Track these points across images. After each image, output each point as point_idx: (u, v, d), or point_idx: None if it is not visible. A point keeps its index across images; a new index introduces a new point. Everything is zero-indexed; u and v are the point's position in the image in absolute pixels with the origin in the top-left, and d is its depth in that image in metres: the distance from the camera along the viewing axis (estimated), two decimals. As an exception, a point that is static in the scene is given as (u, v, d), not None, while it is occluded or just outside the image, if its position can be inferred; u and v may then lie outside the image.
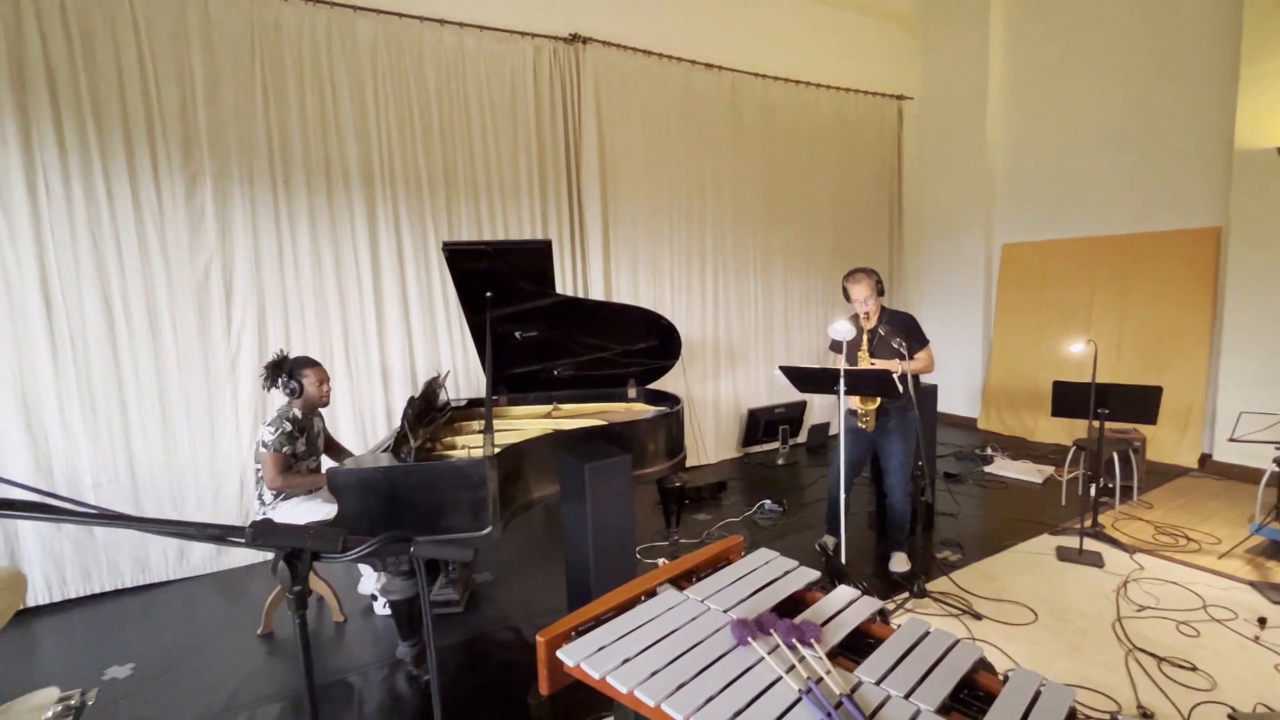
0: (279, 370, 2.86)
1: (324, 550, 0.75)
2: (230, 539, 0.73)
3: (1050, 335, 5.65)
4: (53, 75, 3.16)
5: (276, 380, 2.85)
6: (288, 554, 0.73)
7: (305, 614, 0.80)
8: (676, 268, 5.21)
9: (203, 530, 0.73)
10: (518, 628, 2.91)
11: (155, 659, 2.77)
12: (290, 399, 2.88)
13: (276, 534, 0.73)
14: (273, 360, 2.88)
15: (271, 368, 2.86)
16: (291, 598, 0.77)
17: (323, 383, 2.95)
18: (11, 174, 3.11)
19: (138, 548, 3.45)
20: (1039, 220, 5.84)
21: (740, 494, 4.61)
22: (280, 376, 2.85)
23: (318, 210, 3.84)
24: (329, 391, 3.00)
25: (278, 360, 2.88)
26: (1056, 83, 5.61)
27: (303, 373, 2.88)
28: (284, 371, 2.86)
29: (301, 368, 2.90)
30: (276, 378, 2.85)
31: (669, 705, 1.13)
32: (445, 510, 2.32)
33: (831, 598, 1.50)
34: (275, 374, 2.86)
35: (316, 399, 2.94)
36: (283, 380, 2.85)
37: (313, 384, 2.90)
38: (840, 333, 2.79)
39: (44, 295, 3.22)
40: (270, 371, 2.86)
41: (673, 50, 5.00)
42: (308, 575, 0.74)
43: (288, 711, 2.40)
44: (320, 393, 2.94)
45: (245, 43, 3.58)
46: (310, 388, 2.89)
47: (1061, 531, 3.67)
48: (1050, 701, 1.11)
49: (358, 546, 0.76)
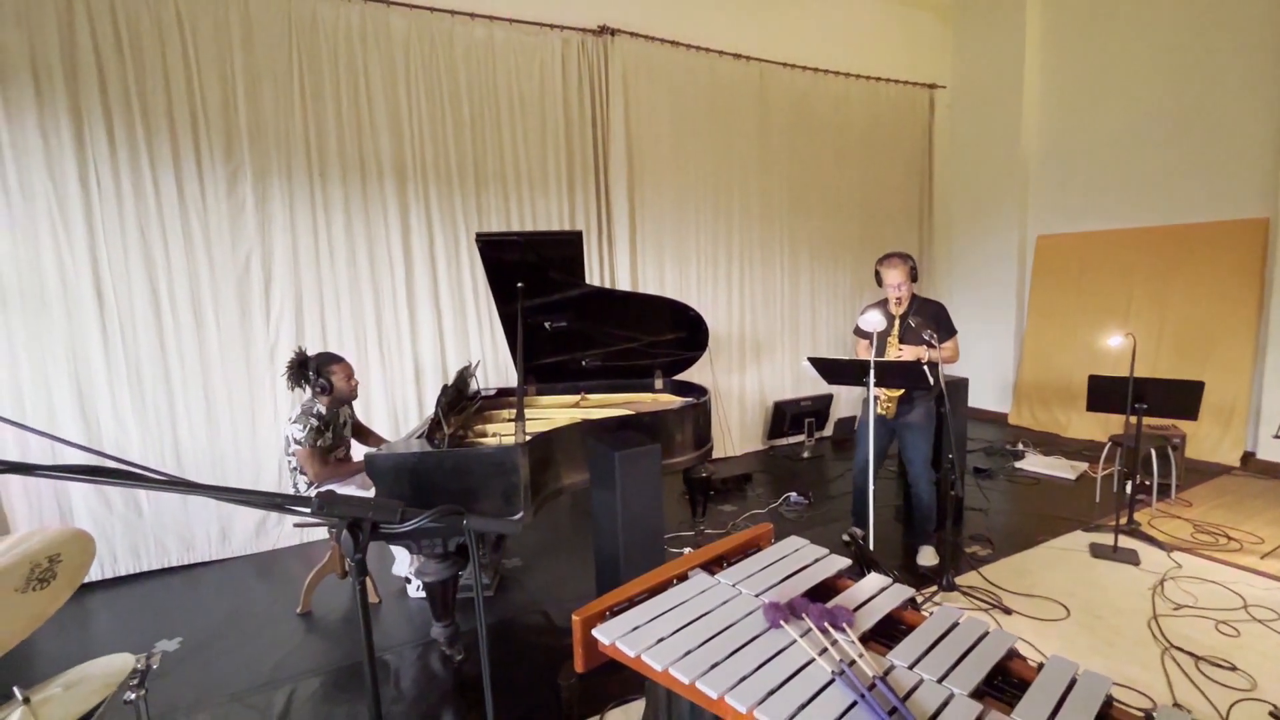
0: (304, 369, 2.86)
1: (383, 520, 0.79)
2: (297, 509, 0.77)
3: (1086, 329, 5.51)
4: (103, 74, 3.29)
5: (302, 380, 2.86)
6: (350, 523, 0.77)
7: (365, 580, 0.84)
8: (703, 259, 5.21)
9: (270, 499, 0.77)
10: (546, 612, 2.97)
11: (201, 634, 2.89)
12: (320, 396, 2.92)
13: (340, 504, 0.77)
14: (294, 359, 2.86)
15: (296, 367, 2.85)
16: (353, 564, 0.81)
17: (350, 376, 2.97)
18: (67, 170, 3.24)
19: (183, 528, 3.60)
20: (1075, 211, 5.69)
21: (766, 486, 4.61)
22: (307, 375, 2.86)
23: (352, 203, 3.93)
24: (357, 385, 3.04)
25: (300, 359, 2.86)
26: (1096, 69, 5.46)
27: (330, 369, 2.89)
28: (310, 370, 2.86)
29: (328, 364, 2.90)
30: (302, 377, 2.85)
31: (703, 683, 1.16)
32: (478, 495, 2.37)
33: (862, 585, 1.51)
34: (301, 373, 2.85)
35: (347, 394, 2.98)
36: (311, 378, 2.86)
37: (341, 379, 2.93)
38: (871, 324, 2.77)
39: (96, 286, 3.36)
40: (295, 371, 2.85)
41: (700, 40, 4.98)
42: (368, 544, 0.79)
43: (327, 685, 2.50)
44: (349, 387, 2.97)
45: (283, 40, 3.66)
46: (339, 383, 2.92)
47: (1095, 528, 3.60)
48: (1086, 689, 1.11)
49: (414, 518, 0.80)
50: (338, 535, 0.72)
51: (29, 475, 0.67)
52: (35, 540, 1.18)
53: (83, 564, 1.14)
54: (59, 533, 1.19)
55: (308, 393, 2.94)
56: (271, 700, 2.41)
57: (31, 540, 1.18)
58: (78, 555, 1.15)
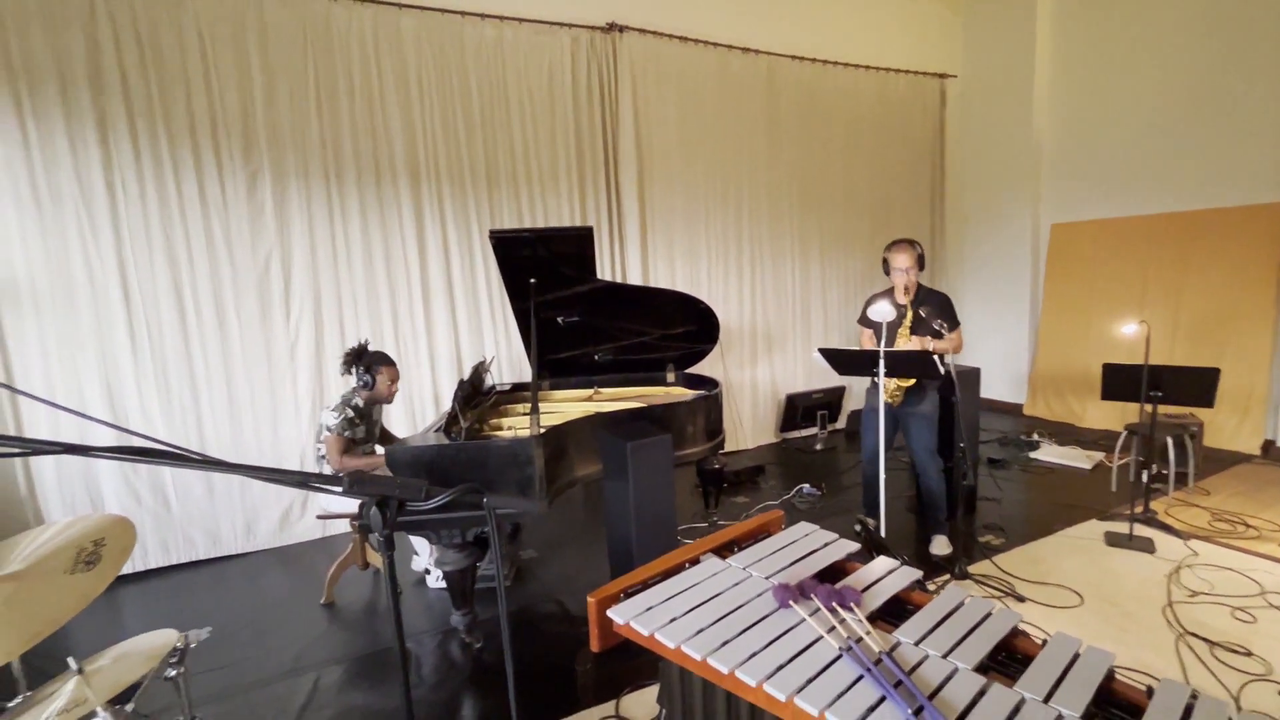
0: (359, 360, 2.99)
1: (409, 499, 0.84)
2: (328, 487, 0.82)
3: (1101, 318, 5.47)
4: (126, 82, 3.38)
5: (354, 367, 2.98)
6: (378, 501, 0.83)
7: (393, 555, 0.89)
8: (714, 253, 5.23)
9: (305, 478, 0.83)
10: (562, 601, 3.03)
11: (229, 624, 2.98)
12: (360, 389, 3.02)
13: (369, 483, 0.82)
14: (356, 348, 3.01)
15: (353, 355, 2.99)
16: (381, 539, 0.86)
17: (393, 382, 3.09)
18: (93, 175, 3.34)
19: (210, 522, 3.70)
20: (1089, 199, 5.64)
21: (778, 478, 4.64)
22: (359, 366, 2.98)
23: (367, 203, 4.00)
24: (395, 392, 3.14)
25: (360, 350, 3.01)
26: (1108, 55, 5.40)
27: (379, 369, 3.02)
28: (363, 363, 2.99)
29: (379, 364, 3.03)
30: (354, 365, 2.98)
31: (714, 659, 1.20)
32: (495, 486, 2.43)
33: (870, 567, 1.54)
34: (355, 362, 2.99)
35: (384, 396, 3.09)
36: (359, 370, 2.98)
37: (384, 381, 3.04)
38: (880, 314, 2.79)
39: (123, 287, 3.46)
40: (351, 358, 2.99)
41: (709, 35, 5.00)
42: (395, 520, 0.84)
43: (350, 673, 2.57)
44: (388, 391, 3.09)
45: (298, 44, 3.74)
46: (381, 385, 3.03)
47: (1111, 517, 3.59)
48: (1089, 663, 1.14)
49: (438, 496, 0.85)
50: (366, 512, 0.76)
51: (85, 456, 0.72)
52: (80, 526, 1.24)
53: (125, 547, 1.21)
54: (102, 519, 1.26)
55: (352, 382, 3.03)
56: (297, 687, 2.49)
57: (76, 526, 1.25)
58: (120, 539, 1.22)
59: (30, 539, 1.21)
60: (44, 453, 0.67)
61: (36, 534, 1.24)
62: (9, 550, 1.18)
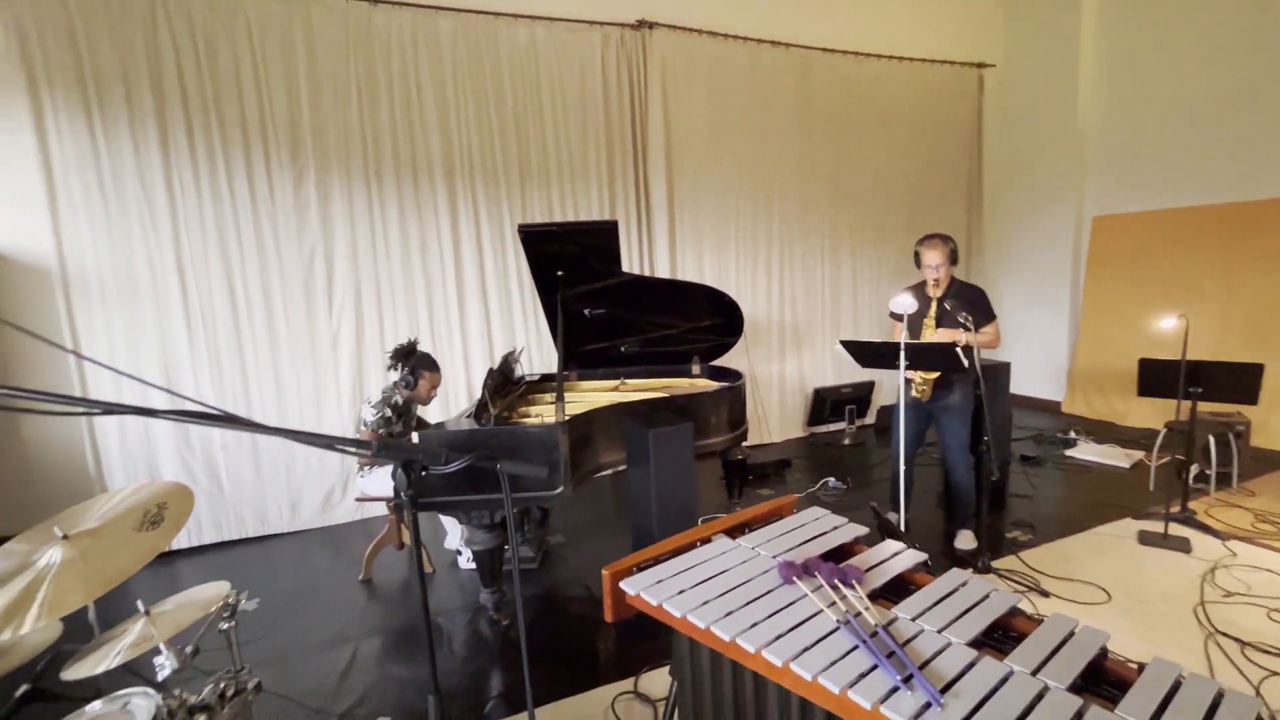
0: (406, 359, 3.13)
1: (430, 463, 0.94)
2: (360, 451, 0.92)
3: (1146, 313, 5.28)
4: (184, 87, 3.60)
5: (400, 366, 3.13)
6: (404, 463, 0.92)
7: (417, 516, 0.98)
8: (742, 247, 5.26)
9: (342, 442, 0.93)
10: (588, 584, 3.13)
11: (275, 597, 3.18)
12: (401, 387, 3.17)
13: (395, 448, 0.92)
14: (405, 347, 3.15)
15: (402, 353, 3.13)
16: (405, 498, 0.95)
17: (434, 387, 3.24)
18: (154, 174, 3.58)
19: (258, 502, 3.92)
20: (1135, 190, 5.46)
21: (804, 472, 4.65)
22: (405, 365, 3.13)
23: (405, 200, 4.16)
24: (434, 396, 3.29)
25: (408, 349, 3.15)
26: (1155, 42, 5.20)
27: (423, 374, 3.16)
28: (409, 363, 3.13)
29: (424, 368, 3.17)
30: (400, 363, 3.13)
31: (717, 627, 1.27)
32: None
33: (877, 549, 1.58)
34: (403, 361, 3.13)
35: (422, 398, 3.24)
36: (404, 369, 3.13)
37: (425, 385, 3.19)
38: (901, 305, 2.79)
39: (180, 280, 3.69)
40: (399, 357, 3.13)
41: (740, 30, 5.01)
42: (419, 480, 0.93)
43: (386, 644, 2.72)
44: (427, 395, 3.24)
45: (342, 48, 3.91)
46: (422, 388, 3.18)
47: (1146, 516, 3.51)
48: (1082, 641, 1.17)
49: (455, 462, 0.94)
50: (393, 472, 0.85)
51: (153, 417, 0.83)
52: (145, 491, 1.39)
53: (184, 511, 1.34)
54: (164, 485, 1.40)
55: (394, 378, 3.18)
56: (338, 655, 2.65)
57: (142, 492, 1.39)
58: (179, 503, 1.36)
59: (103, 501, 1.36)
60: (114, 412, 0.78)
61: (108, 497, 1.39)
62: (86, 510, 1.32)
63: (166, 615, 1.34)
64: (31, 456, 3.57)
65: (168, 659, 1.18)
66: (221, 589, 1.47)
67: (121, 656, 1.17)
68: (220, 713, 1.32)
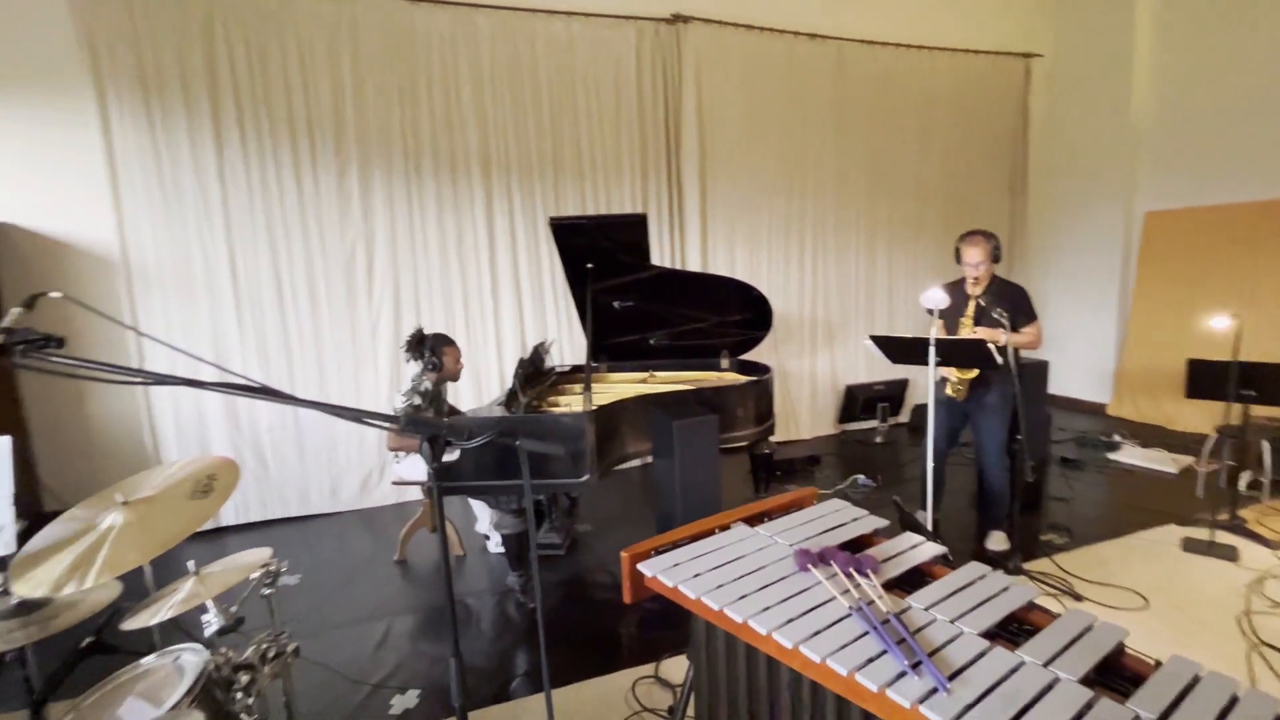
0: (422, 345, 3.19)
1: (454, 439, 0.99)
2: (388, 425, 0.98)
3: (1200, 313, 5.05)
4: (237, 86, 3.77)
5: (419, 354, 3.20)
6: (430, 437, 0.98)
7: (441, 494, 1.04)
8: (774, 242, 5.22)
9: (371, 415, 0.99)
10: (612, 572, 3.18)
11: (316, 573, 3.33)
12: (429, 372, 3.24)
13: (422, 423, 0.97)
14: (414, 336, 3.20)
15: (415, 341, 3.19)
16: (431, 471, 1.01)
17: (458, 360, 3.30)
18: (208, 170, 3.77)
19: (301, 484, 4.10)
20: (1191, 185, 5.22)
21: (834, 468, 4.61)
22: (424, 351, 3.19)
23: (443, 193, 4.28)
24: (462, 368, 3.35)
25: (420, 335, 3.20)
26: (1216, 31, 4.95)
27: (443, 350, 3.22)
28: (427, 347, 3.19)
29: (442, 345, 3.22)
30: (419, 351, 3.19)
31: (731, 609, 1.30)
32: (549, 457, 2.60)
33: (895, 541, 1.58)
34: (419, 349, 3.19)
35: (452, 374, 3.31)
36: (426, 355, 3.19)
37: (451, 361, 3.25)
38: (931, 300, 2.75)
39: (231, 271, 3.88)
40: (414, 346, 3.19)
41: (775, 23, 4.97)
42: (443, 454, 0.99)
43: (419, 621, 2.83)
44: (456, 369, 3.30)
45: (384, 46, 4.04)
46: (448, 363, 3.24)
47: (1192, 523, 3.38)
48: (1099, 636, 1.15)
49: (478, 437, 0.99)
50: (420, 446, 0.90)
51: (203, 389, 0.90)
52: (197, 464, 1.49)
53: (230, 483, 1.44)
54: (213, 459, 1.50)
55: (418, 367, 3.28)
56: (373, 630, 2.77)
57: (194, 464, 1.49)
58: (227, 476, 1.46)
59: (159, 472, 1.47)
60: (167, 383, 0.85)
61: (163, 469, 1.50)
62: (143, 480, 1.43)
63: (214, 576, 1.45)
64: (94, 433, 3.81)
65: (214, 616, 1.28)
66: (264, 554, 1.58)
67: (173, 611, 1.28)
68: (261, 672, 1.42)
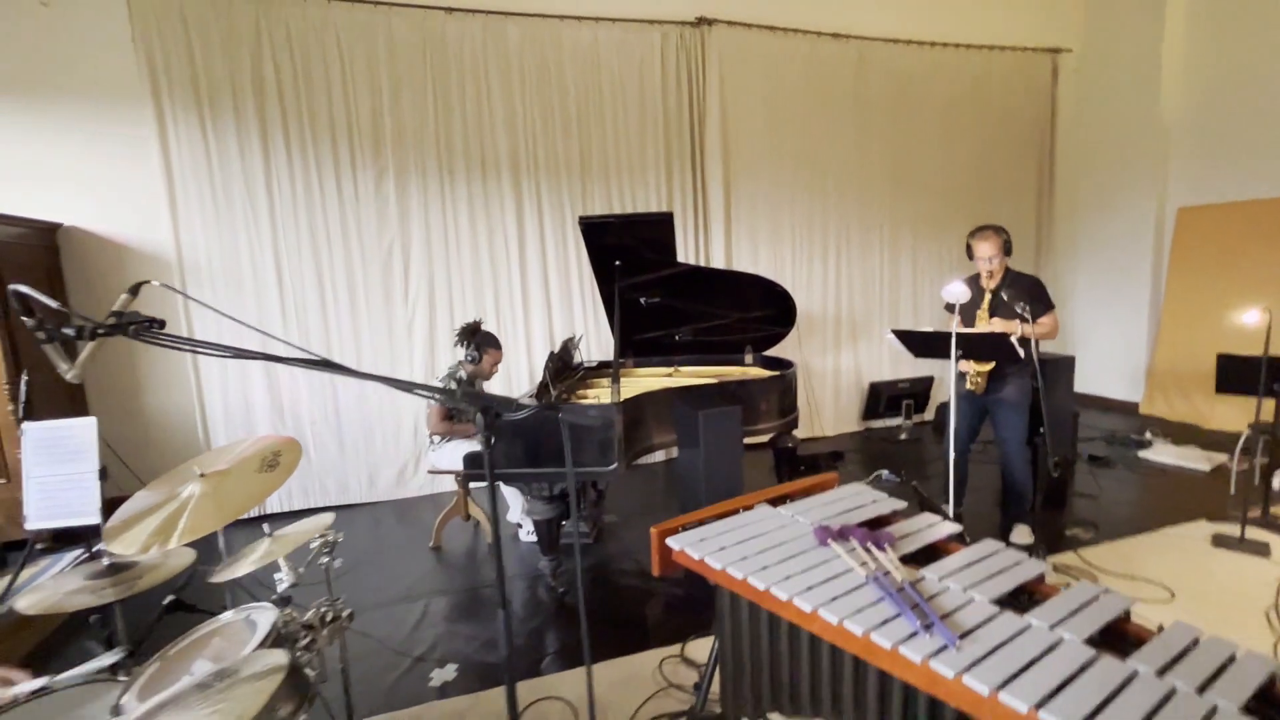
0: (472, 337, 3.39)
1: (503, 410, 1.10)
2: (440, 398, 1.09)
3: (1233, 310, 4.97)
4: (282, 95, 3.98)
5: (466, 343, 3.39)
6: (482, 408, 1.09)
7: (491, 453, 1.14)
8: (798, 240, 5.28)
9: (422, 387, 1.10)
10: (638, 559, 3.28)
11: (356, 558, 3.50)
12: (466, 363, 3.42)
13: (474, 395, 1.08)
14: (470, 326, 3.41)
15: (468, 331, 3.39)
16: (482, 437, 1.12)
17: (496, 363, 3.50)
18: (256, 175, 3.98)
19: (340, 474, 4.29)
20: (1224, 180, 5.13)
21: (857, 464, 4.65)
22: (470, 343, 3.38)
23: (475, 196, 4.43)
24: (496, 372, 3.56)
25: (475, 328, 3.41)
26: (1247, 23, 4.87)
27: (487, 350, 3.42)
28: (474, 341, 3.39)
29: (488, 345, 3.43)
30: (466, 341, 3.39)
31: (754, 578, 1.39)
32: (579, 446, 2.71)
33: (913, 520, 1.65)
34: (469, 339, 3.39)
35: (485, 373, 3.50)
36: (469, 346, 3.38)
37: (489, 361, 3.45)
38: (952, 294, 2.79)
39: (277, 272, 4.08)
40: (466, 334, 3.39)
41: (797, 23, 5.03)
42: (494, 424, 1.10)
43: (453, 604, 2.96)
44: (490, 370, 3.49)
45: (419, 55, 4.21)
46: (485, 363, 3.44)
47: (1222, 518, 3.35)
48: (1106, 604, 1.22)
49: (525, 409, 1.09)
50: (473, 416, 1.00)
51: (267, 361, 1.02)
52: (265, 441, 1.64)
53: (294, 460, 1.58)
54: (279, 438, 1.65)
55: (460, 355, 3.44)
56: (410, 611, 2.91)
57: (262, 442, 1.64)
58: (290, 454, 1.60)
59: (231, 448, 1.62)
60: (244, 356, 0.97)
61: (234, 445, 1.65)
62: (218, 455, 1.58)
63: (285, 537, 1.59)
64: (150, 423, 4.03)
65: (286, 574, 1.42)
66: (327, 519, 1.73)
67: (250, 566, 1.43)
68: (321, 633, 1.55)
